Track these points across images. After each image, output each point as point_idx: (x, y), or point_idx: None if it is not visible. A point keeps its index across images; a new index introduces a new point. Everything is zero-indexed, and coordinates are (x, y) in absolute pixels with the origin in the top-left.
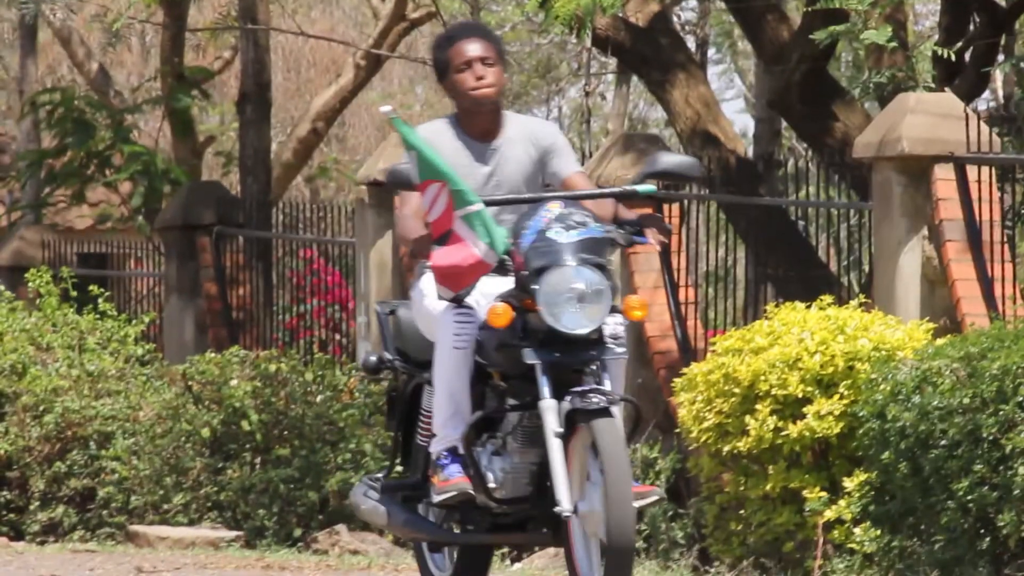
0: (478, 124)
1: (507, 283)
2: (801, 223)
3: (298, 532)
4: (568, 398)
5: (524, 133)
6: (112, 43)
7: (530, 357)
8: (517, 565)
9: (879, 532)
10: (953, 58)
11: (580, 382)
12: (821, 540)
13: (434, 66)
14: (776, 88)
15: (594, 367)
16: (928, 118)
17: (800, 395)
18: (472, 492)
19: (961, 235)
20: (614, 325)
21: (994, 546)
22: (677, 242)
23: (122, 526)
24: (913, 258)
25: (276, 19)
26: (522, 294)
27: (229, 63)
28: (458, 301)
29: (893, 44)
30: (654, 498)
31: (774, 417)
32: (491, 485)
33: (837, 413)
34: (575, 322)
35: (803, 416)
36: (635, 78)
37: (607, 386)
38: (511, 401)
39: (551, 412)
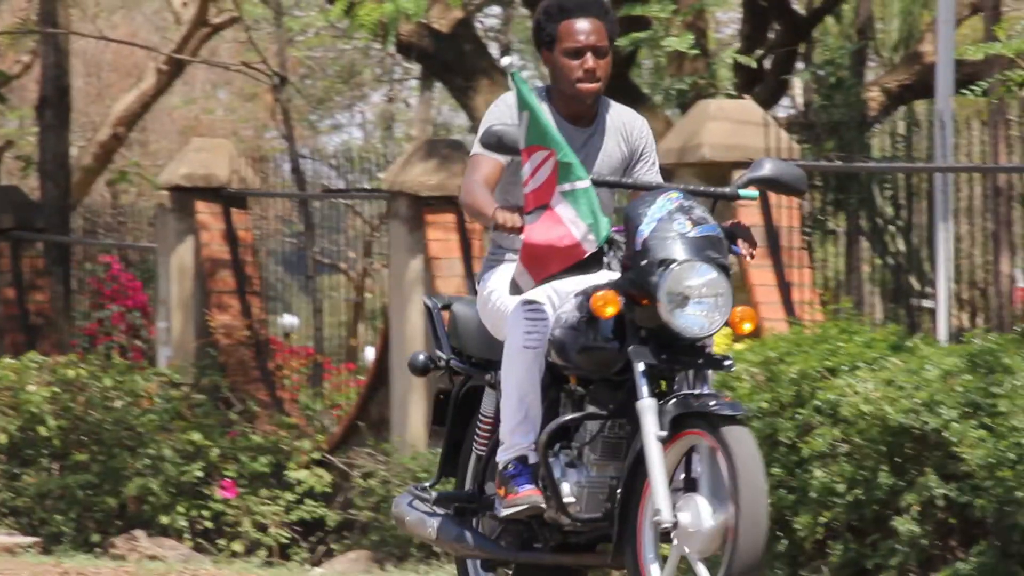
0: (573, 108)
1: (582, 282)
2: None
3: (96, 538)
4: (672, 400)
5: (618, 125)
6: None
7: (641, 356)
8: (317, 570)
9: None
10: (753, 65)
11: (670, 389)
12: None
13: (535, 31)
14: None
15: (690, 375)
16: (728, 125)
17: None
18: (544, 506)
19: (760, 241)
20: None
21: (791, 548)
22: (480, 247)
23: None
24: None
25: (77, 23)
26: (632, 286)
27: (28, 67)
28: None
29: (694, 51)
30: None
31: None
32: (567, 500)
33: None
34: (695, 323)
35: None
36: (439, 84)
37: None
38: (591, 408)
39: (651, 413)
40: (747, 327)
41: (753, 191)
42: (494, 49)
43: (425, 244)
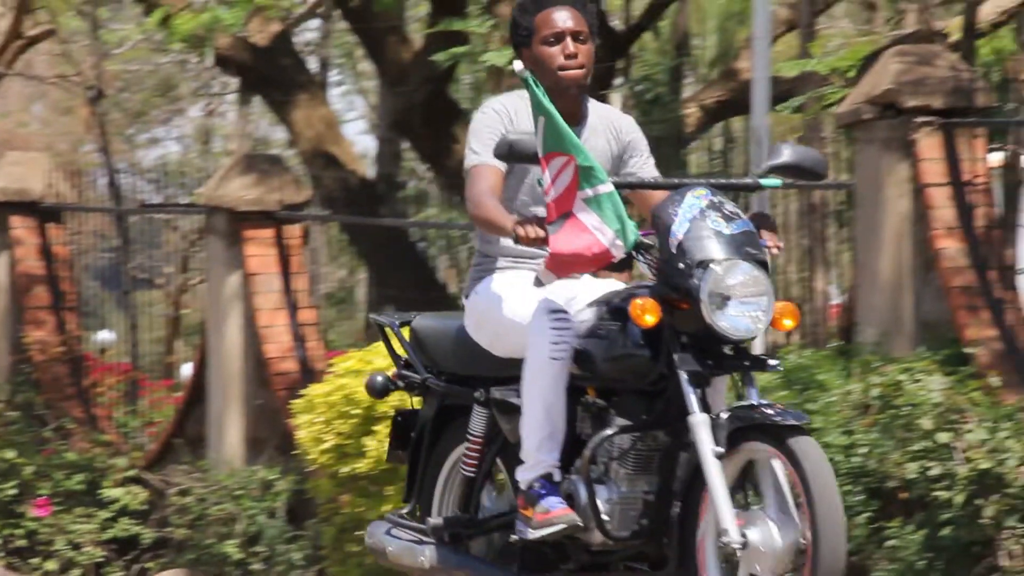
0: (560, 104)
1: (599, 288)
2: (421, 244)
3: None
4: (726, 414)
5: (606, 123)
6: None
7: (686, 364)
8: None
9: None
10: None
11: (705, 395)
12: None
13: (512, 30)
14: (398, 109)
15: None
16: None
17: None
18: (581, 524)
19: None
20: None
21: None
22: (298, 263)
23: None
24: None
25: None
26: (670, 290)
27: None
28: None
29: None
30: None
31: None
32: (604, 518)
33: None
34: (740, 324)
35: None
36: (257, 98)
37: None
38: (621, 420)
39: (705, 428)
40: (788, 323)
41: (775, 180)
42: (312, 63)
43: (243, 260)
